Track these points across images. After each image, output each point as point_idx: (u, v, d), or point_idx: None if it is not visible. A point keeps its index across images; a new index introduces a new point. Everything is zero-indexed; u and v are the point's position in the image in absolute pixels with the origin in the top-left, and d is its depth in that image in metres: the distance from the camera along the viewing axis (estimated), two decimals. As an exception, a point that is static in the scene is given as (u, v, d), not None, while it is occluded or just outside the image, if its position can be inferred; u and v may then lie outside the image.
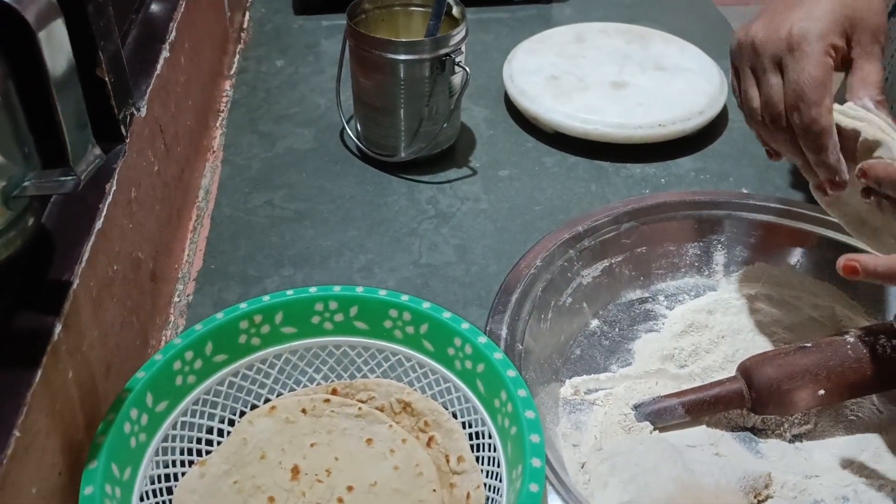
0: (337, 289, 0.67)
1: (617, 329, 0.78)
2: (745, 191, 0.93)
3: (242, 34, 1.25)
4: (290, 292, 0.66)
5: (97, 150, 0.49)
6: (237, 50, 1.21)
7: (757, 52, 0.67)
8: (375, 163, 0.99)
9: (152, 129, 0.76)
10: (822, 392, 0.66)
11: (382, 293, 0.67)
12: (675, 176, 0.98)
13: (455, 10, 0.95)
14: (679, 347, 0.76)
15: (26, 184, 0.48)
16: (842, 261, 0.59)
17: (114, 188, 0.64)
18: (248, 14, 1.31)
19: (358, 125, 0.99)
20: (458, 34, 0.91)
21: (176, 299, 0.81)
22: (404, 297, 0.66)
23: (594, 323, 0.79)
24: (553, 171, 1.00)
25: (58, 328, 0.52)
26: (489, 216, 0.93)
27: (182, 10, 0.89)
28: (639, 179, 0.98)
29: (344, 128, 1.02)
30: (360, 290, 0.67)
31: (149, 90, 0.75)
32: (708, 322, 0.79)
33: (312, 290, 0.67)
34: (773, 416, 0.69)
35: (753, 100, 0.68)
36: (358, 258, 0.87)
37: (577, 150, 1.02)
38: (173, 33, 0.85)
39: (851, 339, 0.68)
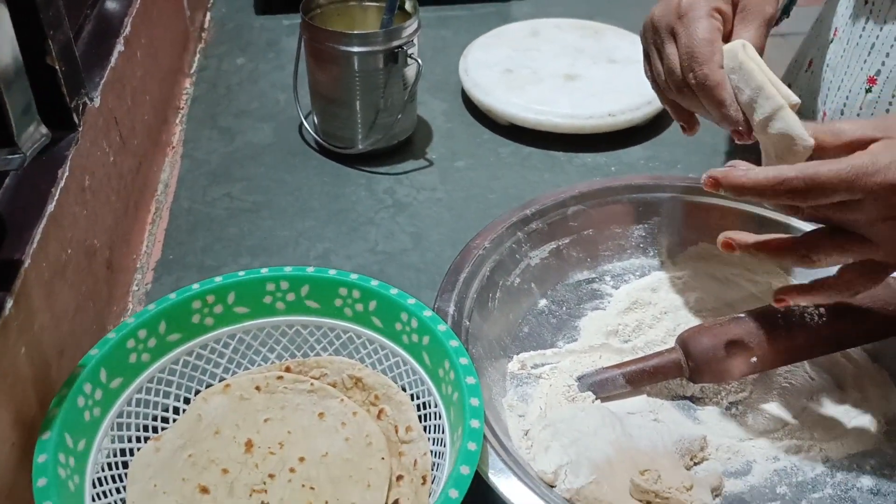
0: (288, 269, 0.69)
1: (564, 308, 0.81)
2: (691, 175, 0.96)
3: (203, 33, 1.27)
4: (241, 273, 0.68)
5: (43, 129, 0.51)
6: (198, 48, 1.23)
7: (655, 28, 0.71)
8: (334, 156, 1.01)
9: (107, 121, 0.78)
10: (754, 359, 0.69)
11: (332, 272, 0.69)
12: (625, 164, 1.01)
13: (408, 5, 0.98)
14: (623, 324, 0.78)
15: (-28, 162, 0.50)
16: (704, 177, 0.60)
17: (66, 174, 0.66)
18: (209, 14, 1.33)
19: (316, 119, 1.01)
20: (411, 26, 0.94)
21: (134, 288, 0.83)
22: (353, 276, 0.68)
23: (542, 302, 0.81)
24: (508, 162, 1.02)
25: (9, 303, 0.54)
26: (445, 205, 0.95)
27: (137, 6, 0.91)
28: (591, 168, 1.01)
29: (302, 122, 1.04)
30: (310, 269, 0.69)
31: (102, 82, 0.77)
32: (651, 299, 0.81)
33: (264, 271, 0.69)
34: (711, 385, 0.72)
35: (659, 73, 0.72)
36: (315, 247, 0.89)
37: (531, 140, 1.05)
38: (128, 28, 0.87)
39: (782, 309, 0.70)
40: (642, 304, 0.80)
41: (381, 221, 0.93)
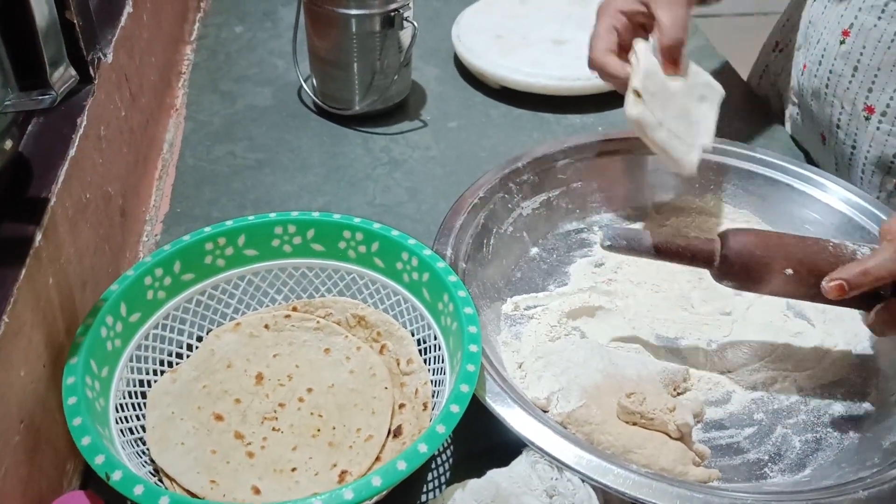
0: (295, 213, 0.73)
1: (555, 255, 0.85)
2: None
3: (202, 3, 1.30)
4: (251, 217, 0.72)
5: (72, 70, 0.55)
6: (197, 18, 1.26)
7: None
8: (332, 117, 1.05)
9: (118, 76, 0.81)
10: (790, 271, 0.67)
11: (336, 216, 0.73)
12: (611, 125, 1.05)
13: (403, -31, 1.01)
14: (609, 267, 0.83)
15: (7, 102, 0.54)
16: (827, 285, 0.66)
17: (84, 122, 0.69)
18: (207, -17, 1.36)
19: (314, 81, 1.05)
20: (406, -10, 0.97)
21: (144, 238, 0.86)
22: (357, 220, 0.72)
23: (534, 250, 0.85)
24: (498, 122, 1.06)
25: (38, 236, 0.58)
26: (438, 162, 0.99)
27: (143, -30, 0.95)
28: (578, 128, 1.05)
29: (301, 85, 1.08)
30: (316, 214, 0.73)
31: (114, 39, 0.80)
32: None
33: (272, 215, 0.73)
34: (694, 326, 0.76)
35: None
36: (316, 200, 0.93)
37: (521, 103, 1.09)
38: (135, -10, 0.90)
39: (835, 241, 0.69)
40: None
41: (379, 177, 0.97)
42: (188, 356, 0.70)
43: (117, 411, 0.62)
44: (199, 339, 0.72)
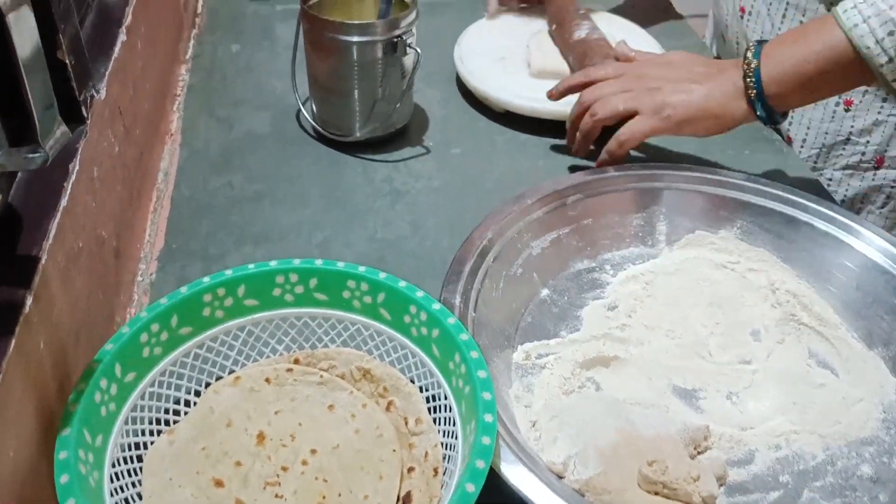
0: (297, 262, 0.70)
1: (566, 297, 0.82)
2: (685, 164, 0.97)
3: (197, 19, 1.27)
4: (251, 266, 0.69)
5: (64, 127, 0.52)
6: (192, 35, 1.23)
7: None
8: (331, 143, 1.02)
9: (112, 112, 0.78)
10: None
11: (340, 265, 0.69)
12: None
13: (406, -7, 0.98)
14: (622, 310, 0.80)
15: (-4, 161, 0.51)
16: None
17: (77, 167, 0.66)
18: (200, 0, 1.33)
19: (314, 106, 1.02)
20: (410, 16, 0.94)
21: (139, 278, 0.83)
22: (361, 269, 0.69)
23: (544, 292, 0.82)
24: (503, 149, 1.03)
25: (28, 300, 0.54)
26: (442, 193, 0.96)
27: (137, -5, 0.91)
28: (587, 154, 1.02)
29: (300, 109, 1.04)
30: (319, 262, 0.70)
31: (107, 73, 0.77)
32: (648, 288, 0.83)
33: (273, 263, 0.69)
34: (711, 374, 0.73)
35: None
36: (316, 235, 0.90)
37: (526, 127, 1.05)
38: (129, 17, 0.86)
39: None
40: (640, 296, 0.82)
41: (380, 209, 0.93)
42: (186, 413, 0.67)
43: (112, 481, 0.58)
44: (198, 393, 0.68)
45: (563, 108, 1.02)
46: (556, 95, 0.99)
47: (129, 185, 0.83)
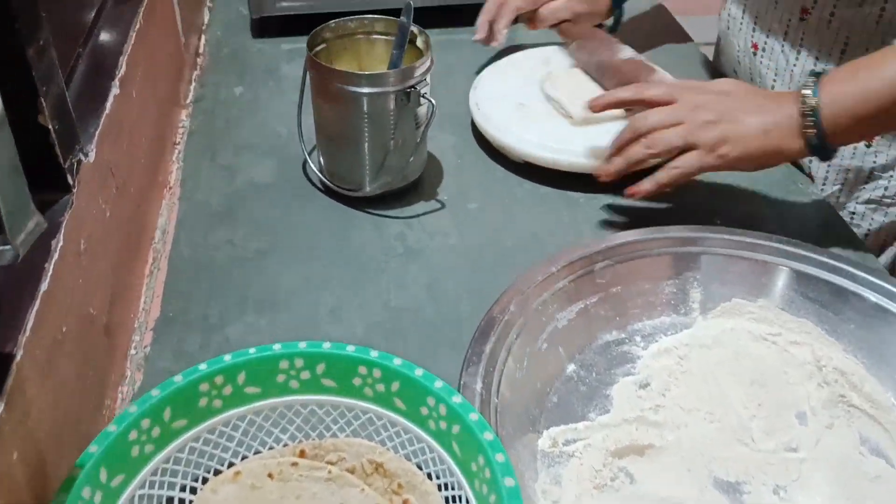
0: (303, 345, 0.63)
1: (594, 374, 0.76)
2: (718, 222, 0.91)
3: (199, 59, 1.21)
4: (252, 350, 0.63)
5: (37, 218, 0.45)
6: (193, 76, 1.17)
7: None
8: (340, 196, 0.96)
9: (102, 174, 0.72)
10: None
11: (350, 349, 0.63)
12: (649, 207, 0.96)
13: (419, 40, 0.92)
14: (655, 388, 0.74)
15: (-40, 257, 0.45)
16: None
17: (60, 244, 0.60)
18: (203, 37, 1.27)
19: (321, 158, 0.96)
20: (423, 65, 0.88)
21: (132, 352, 0.77)
22: (374, 354, 0.63)
23: (571, 368, 0.76)
24: (523, 202, 0.97)
25: (0, 408, 0.48)
26: (459, 252, 0.90)
27: (132, 41, 0.85)
28: (613, 210, 0.96)
29: (306, 159, 0.98)
30: (327, 346, 0.63)
31: (97, 132, 0.71)
32: (683, 363, 0.76)
33: (276, 347, 0.63)
34: (757, 465, 0.67)
35: None
36: (325, 299, 0.84)
37: (547, 179, 0.99)
38: (123, 68, 0.81)
39: None
40: (674, 372, 0.75)
41: (393, 271, 0.87)
42: (180, 513, 0.61)
43: None
44: (193, 491, 0.62)
45: (586, 160, 0.97)
46: (600, 107, 0.94)
47: (123, 249, 0.77)
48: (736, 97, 0.87)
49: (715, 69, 1.25)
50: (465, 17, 1.20)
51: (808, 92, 0.82)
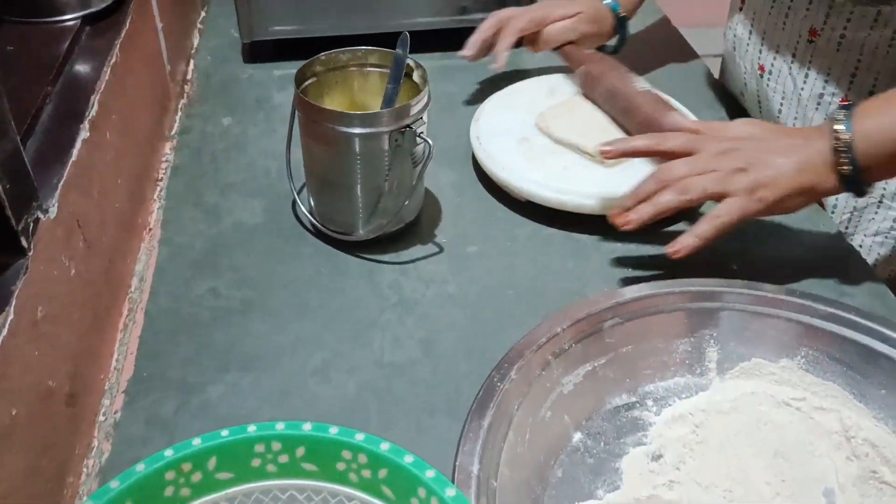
0: (280, 426, 0.57)
1: (602, 443, 0.70)
2: (734, 267, 0.85)
3: (186, 87, 1.15)
4: (224, 433, 0.57)
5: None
6: (180, 106, 1.11)
7: None
8: (332, 239, 0.90)
9: (67, 228, 0.66)
10: None
11: (333, 431, 0.57)
12: (661, 252, 0.90)
13: (415, 74, 0.86)
14: (669, 461, 0.67)
15: None
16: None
17: (10, 317, 0.54)
18: (192, 63, 1.21)
19: (311, 200, 0.90)
20: (420, 102, 0.82)
21: (101, 418, 0.71)
22: (359, 437, 0.57)
23: (577, 437, 0.70)
24: (526, 246, 0.91)
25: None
26: (458, 302, 0.84)
27: (107, 76, 0.79)
28: (620, 256, 0.90)
29: (296, 200, 0.92)
30: (307, 427, 0.57)
31: (61, 184, 0.65)
32: (699, 431, 0.70)
33: (251, 429, 0.57)
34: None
35: None
36: (313, 356, 0.78)
37: (552, 220, 0.93)
38: (95, 107, 0.75)
39: None
40: (689, 442, 0.69)
41: (387, 324, 0.81)
42: None
43: None
44: (158, 588, 0.56)
45: (592, 202, 0.91)
46: (613, 155, 0.87)
47: (94, 305, 0.72)
48: (760, 140, 0.82)
49: (721, 88, 1.19)
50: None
51: (840, 127, 0.77)
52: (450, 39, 1.21)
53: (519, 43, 1.10)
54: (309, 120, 0.82)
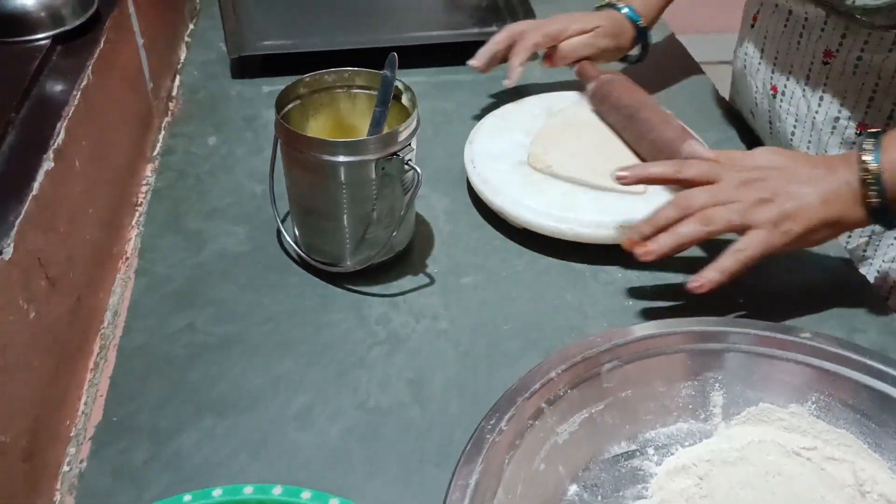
0: (218, 493, 0.53)
1: (600, 496, 0.65)
2: (741, 301, 0.81)
3: (171, 104, 1.11)
4: (187, 497, 0.53)
5: None
6: (163, 124, 1.07)
7: None
8: (318, 270, 0.85)
9: (25, 269, 0.62)
10: None
11: (277, 491, 0.53)
12: (662, 283, 0.85)
13: (404, 98, 0.82)
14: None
15: None
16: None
17: (-45, 377, 0.50)
18: (178, 78, 1.17)
19: (296, 230, 0.86)
20: (408, 129, 0.78)
21: (65, 468, 0.67)
22: (305, 495, 0.53)
23: (572, 489, 0.65)
24: (522, 277, 0.87)
25: None
26: (450, 338, 0.80)
27: (77, 101, 0.75)
28: (620, 287, 0.85)
29: (280, 230, 0.88)
30: (248, 490, 0.53)
31: (18, 221, 0.61)
32: (703, 484, 0.66)
33: (217, 493, 0.53)
34: None
35: None
36: (295, 399, 0.73)
37: (549, 249, 0.89)
38: (62, 135, 0.70)
39: None
40: (693, 496, 0.65)
41: (374, 363, 0.77)
42: None
43: None
44: None
45: (592, 230, 0.86)
46: (630, 182, 0.82)
47: (58, 349, 0.67)
48: (784, 169, 0.78)
49: (729, 108, 1.15)
50: (467, 54, 1.07)
51: (868, 158, 0.74)
52: (444, 54, 1.17)
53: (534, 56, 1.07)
54: (289, 147, 0.78)
